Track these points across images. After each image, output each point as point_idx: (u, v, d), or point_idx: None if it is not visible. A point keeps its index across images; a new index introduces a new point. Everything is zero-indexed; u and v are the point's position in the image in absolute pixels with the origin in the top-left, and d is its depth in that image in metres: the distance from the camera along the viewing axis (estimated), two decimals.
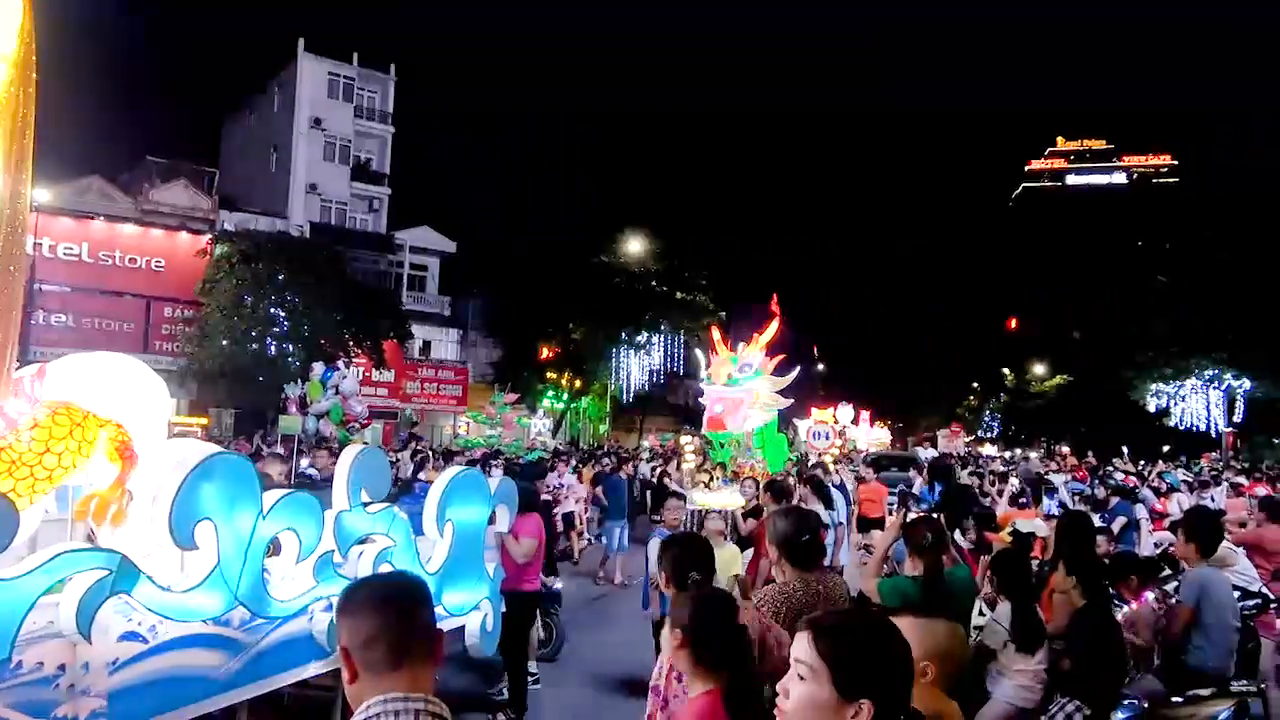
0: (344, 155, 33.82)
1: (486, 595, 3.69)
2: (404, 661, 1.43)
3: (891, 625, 1.48)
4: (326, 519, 2.89)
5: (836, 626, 1.46)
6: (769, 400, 11.98)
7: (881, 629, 1.47)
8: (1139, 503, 10.23)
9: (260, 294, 23.34)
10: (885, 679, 1.40)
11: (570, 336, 33.59)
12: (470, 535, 3.59)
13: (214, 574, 2.45)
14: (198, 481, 2.38)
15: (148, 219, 27.43)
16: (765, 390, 11.81)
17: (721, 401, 11.26)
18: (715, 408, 11.36)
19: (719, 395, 11.42)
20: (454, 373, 33.63)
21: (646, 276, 33.12)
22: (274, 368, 22.49)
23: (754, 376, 11.64)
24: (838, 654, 1.40)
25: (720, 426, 11.35)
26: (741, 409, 11.19)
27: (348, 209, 33.98)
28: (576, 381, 34.35)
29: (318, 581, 2.82)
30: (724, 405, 11.18)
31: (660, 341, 34.20)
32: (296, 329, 23.71)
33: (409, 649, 1.44)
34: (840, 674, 1.39)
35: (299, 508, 2.74)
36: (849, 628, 1.46)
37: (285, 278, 23.58)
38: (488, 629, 3.68)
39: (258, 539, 2.57)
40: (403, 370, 30.84)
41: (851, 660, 1.40)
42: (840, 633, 1.44)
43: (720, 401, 11.33)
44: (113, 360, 2.72)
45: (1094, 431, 40.23)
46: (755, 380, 11.57)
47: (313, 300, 23.74)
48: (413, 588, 1.54)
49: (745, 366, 11.58)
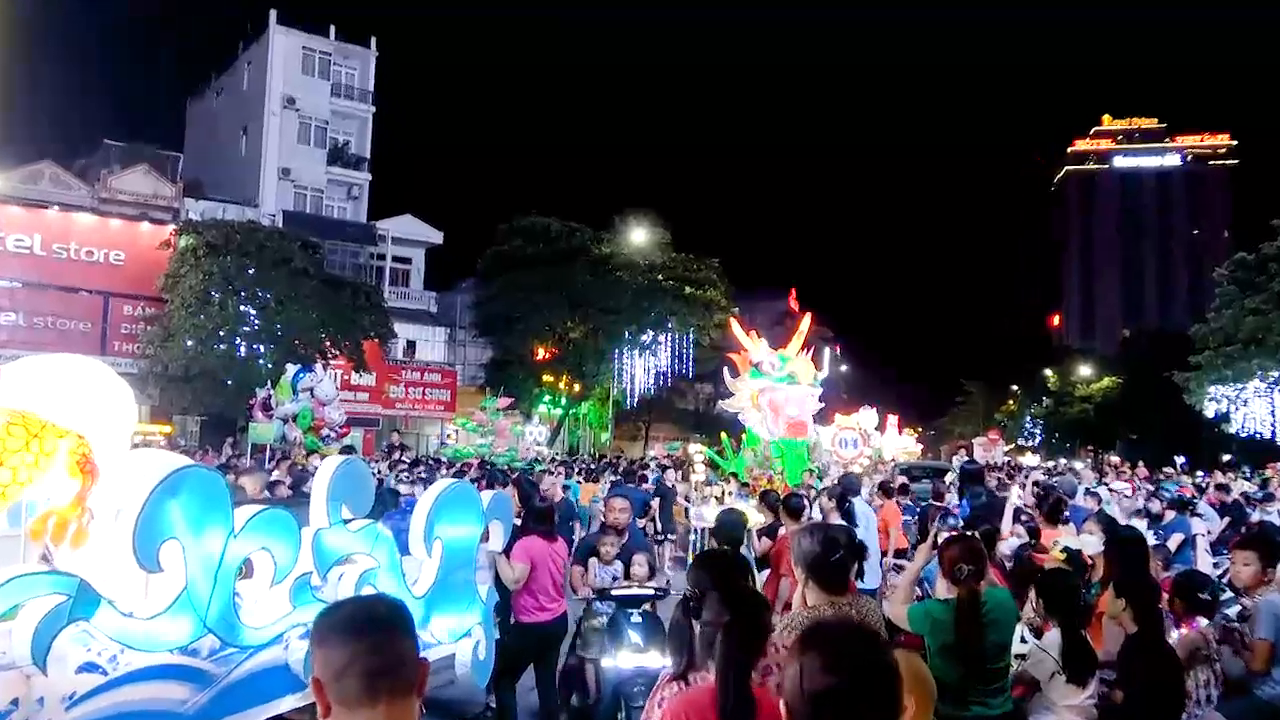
0: (320, 137, 33.91)
1: (479, 621, 3.69)
2: (380, 695, 1.41)
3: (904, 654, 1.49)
4: (304, 537, 2.89)
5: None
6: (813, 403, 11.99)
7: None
8: (1196, 516, 10.15)
9: (229, 290, 23.42)
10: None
11: (568, 335, 33.61)
12: (461, 555, 3.59)
13: (181, 599, 2.45)
14: (163, 497, 2.38)
15: (106, 208, 27.53)
16: (816, 392, 11.81)
17: (798, 403, 10.98)
18: (790, 409, 11.03)
19: (793, 395, 11.13)
20: (441, 375, 33.71)
21: (652, 269, 33.09)
22: (244, 370, 22.56)
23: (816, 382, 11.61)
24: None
25: (802, 431, 11.12)
26: (810, 412, 11.05)
27: (324, 196, 34.08)
28: (575, 385, 34.38)
29: (294, 606, 2.81)
30: (799, 408, 10.93)
31: (667, 340, 34.19)
32: (268, 328, 23.79)
33: (386, 680, 1.42)
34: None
35: (274, 525, 2.74)
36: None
37: (256, 272, 23.66)
38: (480, 658, 3.68)
39: (229, 560, 2.57)
40: (385, 373, 30.89)
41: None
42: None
43: (795, 402, 11.05)
44: (72, 363, 2.72)
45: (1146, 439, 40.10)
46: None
47: (286, 296, 23.82)
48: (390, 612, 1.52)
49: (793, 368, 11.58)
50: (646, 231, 33.75)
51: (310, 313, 24.32)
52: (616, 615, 5.48)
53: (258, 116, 33.17)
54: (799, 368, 11.60)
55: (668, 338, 34.12)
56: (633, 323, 32.85)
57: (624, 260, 32.79)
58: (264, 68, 33.12)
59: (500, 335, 33.29)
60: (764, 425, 12.20)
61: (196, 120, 38.92)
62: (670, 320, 33.53)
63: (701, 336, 34.23)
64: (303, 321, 24.19)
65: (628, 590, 5.63)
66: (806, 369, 11.47)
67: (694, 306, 33.37)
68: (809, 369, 11.42)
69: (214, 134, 36.29)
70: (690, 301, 33.22)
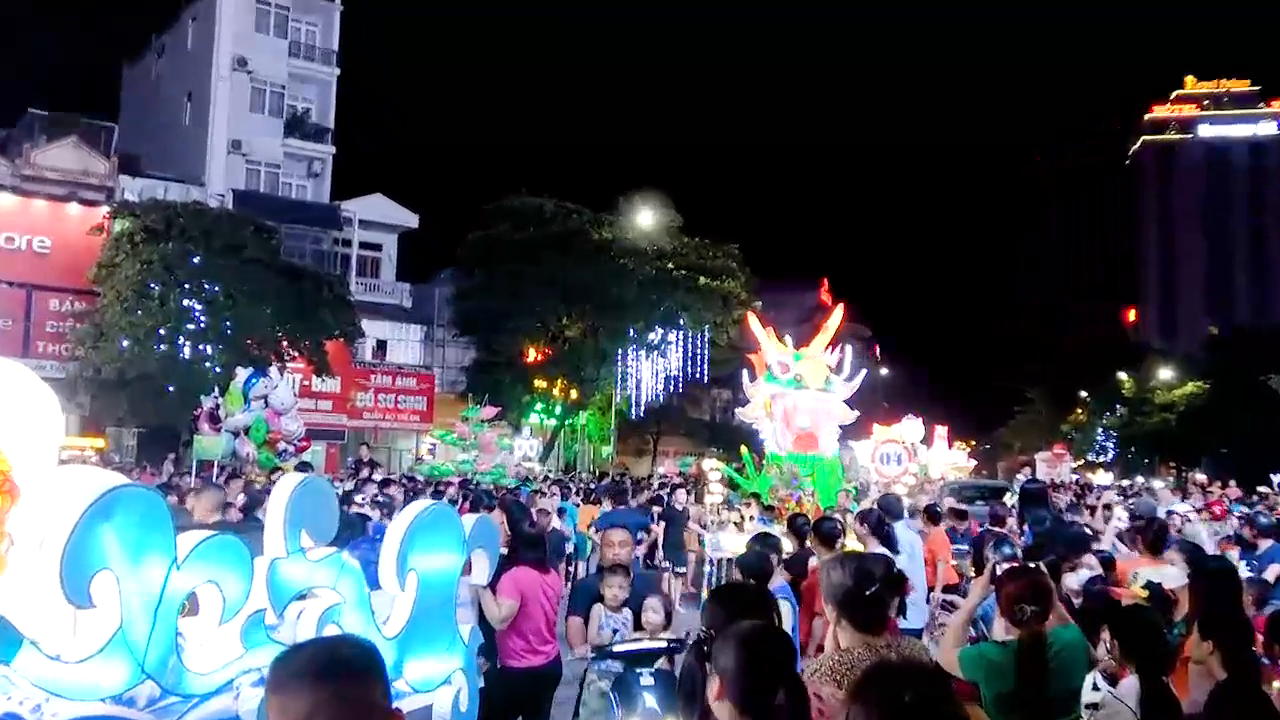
0: (276, 104, 34.06)
1: (460, 666, 3.69)
2: None
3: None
4: (257, 569, 2.89)
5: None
6: (841, 413, 11.95)
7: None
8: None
9: (170, 281, 23.51)
10: None
11: (564, 334, 33.68)
12: (439, 589, 3.59)
13: (115, 639, 2.45)
14: (95, 522, 2.39)
15: (29, 187, 27.65)
16: (838, 398, 11.78)
17: (809, 412, 11.00)
18: (800, 419, 11.08)
19: (803, 402, 11.17)
20: (417, 380, 33.80)
21: (661, 256, 33.13)
22: (188, 375, 22.65)
23: (827, 385, 11.60)
24: None
25: (812, 444, 11.14)
26: (829, 422, 11.04)
27: (280, 173, 34.23)
28: (572, 391, 34.44)
29: (246, 649, 2.82)
30: (811, 418, 10.94)
31: (679, 339, 34.22)
32: (216, 326, 23.88)
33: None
34: None
35: (223, 555, 2.74)
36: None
37: (202, 261, 23.75)
38: (461, 709, 3.68)
39: (171, 595, 2.57)
40: (351, 378, 30.99)
41: None
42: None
43: (808, 412, 11.08)
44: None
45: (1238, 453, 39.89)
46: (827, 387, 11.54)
47: (237, 289, 23.90)
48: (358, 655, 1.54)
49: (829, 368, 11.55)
50: (655, 215, 33.77)
51: (265, 308, 24.41)
52: (626, 675, 5.16)
53: (204, 80, 33.31)
54: (807, 369, 11.56)
55: (679, 336, 34.16)
56: (639, 319, 32.91)
57: (629, 246, 32.84)
58: (211, 24, 33.28)
59: (485, 334, 33.38)
60: (775, 438, 12.21)
61: (133, 85, 39.13)
62: (682, 316, 33.57)
63: (718, 334, 34.27)
64: (256, 318, 24.27)
65: (638, 644, 5.25)
66: (816, 371, 11.41)
67: (710, 300, 33.42)
68: (819, 370, 11.35)
69: (153, 101, 36.49)
70: (705, 294, 33.25)
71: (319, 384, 28.40)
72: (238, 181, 32.70)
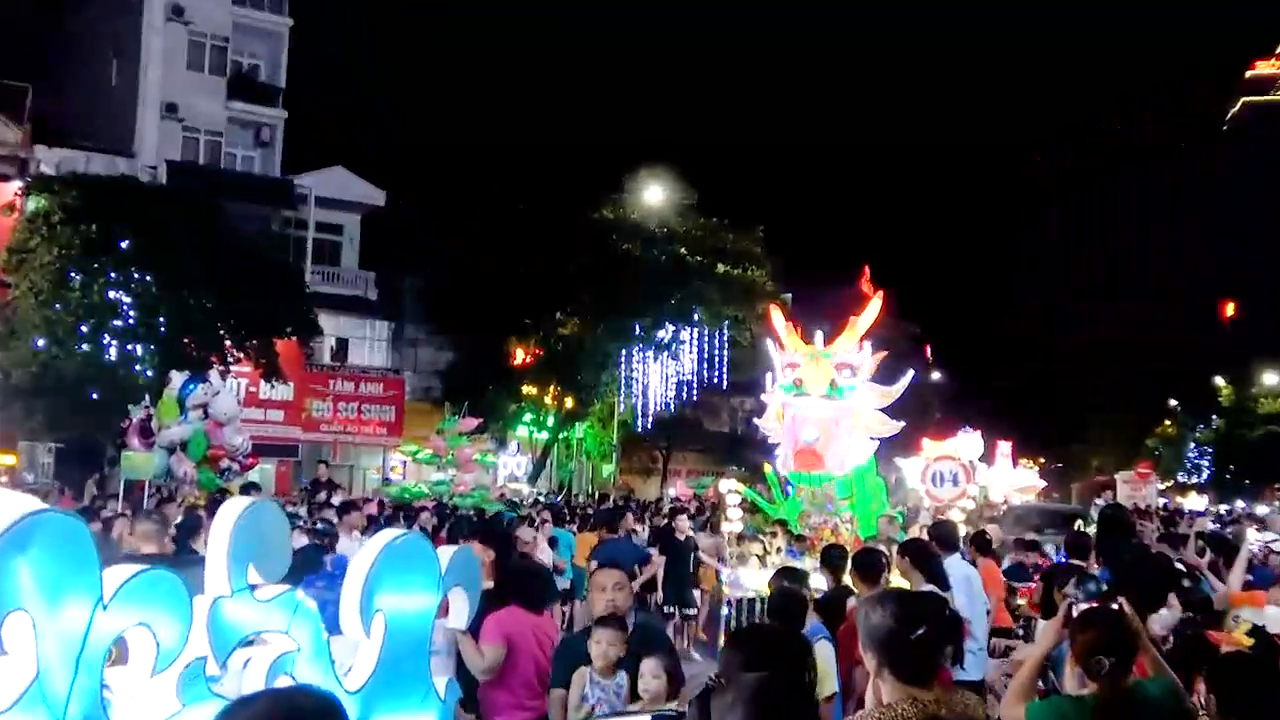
0: (218, 61, 34.18)
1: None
2: None
3: None
4: (196, 610, 2.90)
5: None
6: (874, 422, 11.94)
7: None
8: None
9: (94, 269, 23.54)
10: None
11: (557, 332, 33.72)
12: (411, 634, 3.59)
13: (31, 692, 2.45)
14: (7, 555, 2.39)
15: None
16: (869, 405, 11.75)
17: (816, 423, 11.03)
18: (805, 432, 11.13)
19: (808, 411, 11.19)
20: (383, 386, 33.86)
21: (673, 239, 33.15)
22: (115, 380, 22.67)
23: (835, 391, 11.60)
24: None
25: (816, 463, 11.16)
26: (844, 435, 11.04)
27: (224, 141, 34.34)
28: (567, 399, 34.49)
29: (184, 704, 2.82)
30: (820, 430, 10.97)
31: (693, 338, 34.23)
32: (148, 322, 23.90)
33: None
34: None
35: (156, 593, 2.74)
36: None
37: (131, 245, 23.77)
38: None
39: (96, 640, 2.57)
40: (306, 383, 31.05)
41: None
42: None
43: (813, 423, 11.12)
44: None
45: None
46: (858, 390, 11.51)
47: (172, 278, 23.91)
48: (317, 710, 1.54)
49: (843, 368, 11.55)
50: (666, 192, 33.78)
51: (205, 301, 24.44)
52: None
53: (133, 33, 33.41)
54: (809, 372, 11.55)
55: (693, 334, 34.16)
56: (646, 313, 32.96)
57: (634, 226, 32.85)
58: None
59: (464, 331, 33.41)
60: (782, 453, 12.26)
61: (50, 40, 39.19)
62: (698, 310, 33.59)
63: (740, 332, 34.29)
64: (194, 313, 24.30)
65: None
66: (820, 374, 11.39)
67: (730, 291, 33.44)
68: (823, 373, 11.34)
69: (74, 58, 36.54)
70: (725, 284, 33.29)
71: (268, 390, 28.47)
72: (173, 151, 32.79)
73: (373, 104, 39.99)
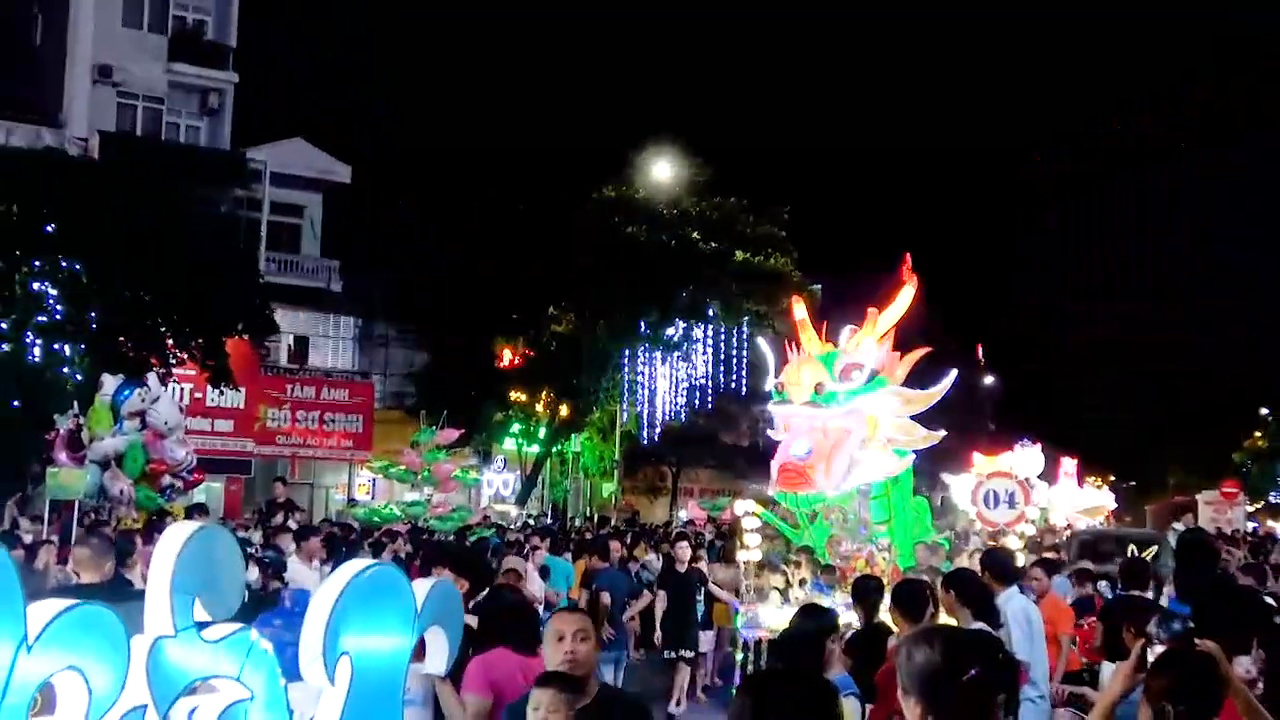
0: (159, 17, 34.14)
1: None
2: None
3: None
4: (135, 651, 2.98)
5: None
6: (899, 433, 11.99)
7: None
8: None
9: (15, 257, 23.65)
10: None
11: (550, 329, 33.75)
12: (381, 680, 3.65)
13: None
14: None
15: None
16: (891, 413, 11.80)
17: (807, 435, 11.13)
18: (795, 446, 11.23)
19: (797, 419, 11.24)
20: (349, 392, 33.84)
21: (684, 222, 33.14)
22: (39, 384, 22.74)
23: (867, 388, 11.64)
24: None
25: (801, 481, 11.27)
26: (845, 449, 11.11)
27: (165, 109, 34.34)
28: (562, 408, 34.47)
29: None
30: (812, 442, 11.08)
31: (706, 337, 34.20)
32: (77, 317, 23.95)
33: None
34: None
35: (88, 632, 2.71)
36: None
37: (57, 229, 23.87)
38: None
39: (19, 686, 2.52)
40: (260, 389, 31.12)
41: None
42: None
43: (803, 434, 11.22)
44: None
45: None
46: (869, 395, 11.57)
47: (105, 267, 23.97)
48: None
49: (851, 369, 11.61)
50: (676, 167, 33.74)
51: (142, 293, 24.48)
52: None
53: None
54: (791, 376, 11.63)
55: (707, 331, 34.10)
56: (652, 309, 32.89)
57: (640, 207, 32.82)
58: None
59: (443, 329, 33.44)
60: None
61: None
62: (712, 304, 33.53)
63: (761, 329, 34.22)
64: (130, 307, 24.37)
65: None
66: (805, 376, 11.47)
67: (750, 282, 33.32)
68: (809, 376, 11.41)
69: None
70: (744, 274, 33.17)
71: (216, 397, 28.56)
72: (106, 121, 32.80)
73: (337, 66, 39.83)
